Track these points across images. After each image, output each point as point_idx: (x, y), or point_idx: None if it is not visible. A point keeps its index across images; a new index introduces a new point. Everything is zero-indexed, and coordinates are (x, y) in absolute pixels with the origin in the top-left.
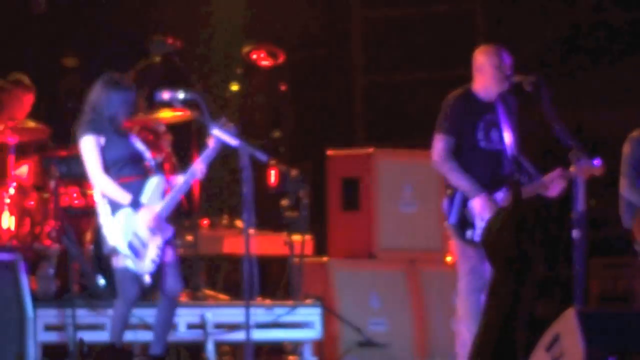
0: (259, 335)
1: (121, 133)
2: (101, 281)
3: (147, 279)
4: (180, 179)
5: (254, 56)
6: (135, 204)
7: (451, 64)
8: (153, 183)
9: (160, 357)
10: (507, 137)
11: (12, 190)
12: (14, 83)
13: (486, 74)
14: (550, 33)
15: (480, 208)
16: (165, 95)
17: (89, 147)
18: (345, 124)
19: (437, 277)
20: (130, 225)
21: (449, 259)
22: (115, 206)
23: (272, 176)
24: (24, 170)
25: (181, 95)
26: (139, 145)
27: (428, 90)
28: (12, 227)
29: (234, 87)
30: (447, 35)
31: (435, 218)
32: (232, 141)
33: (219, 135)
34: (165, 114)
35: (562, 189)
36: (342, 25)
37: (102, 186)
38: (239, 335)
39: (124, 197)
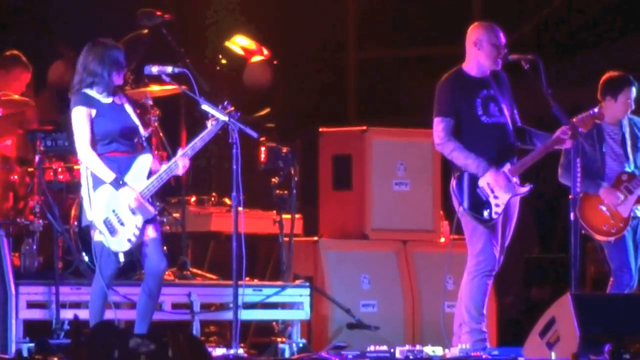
0: (246, 315)
1: (115, 104)
2: (85, 258)
3: (121, 257)
4: (163, 167)
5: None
6: (118, 183)
7: (445, 41)
8: (140, 161)
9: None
10: (506, 109)
11: None
12: (13, 61)
13: (482, 51)
14: (547, 10)
15: (493, 182)
16: (154, 68)
17: (79, 119)
18: (337, 101)
19: (429, 258)
20: (110, 201)
21: (442, 240)
22: (97, 180)
23: (262, 153)
24: (7, 143)
25: (170, 69)
26: (134, 119)
27: (421, 68)
28: None
29: (224, 61)
30: (442, 11)
31: (429, 198)
32: (222, 117)
33: (208, 110)
34: (153, 88)
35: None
36: (336, 1)
37: (87, 160)
38: (226, 316)
39: (108, 174)
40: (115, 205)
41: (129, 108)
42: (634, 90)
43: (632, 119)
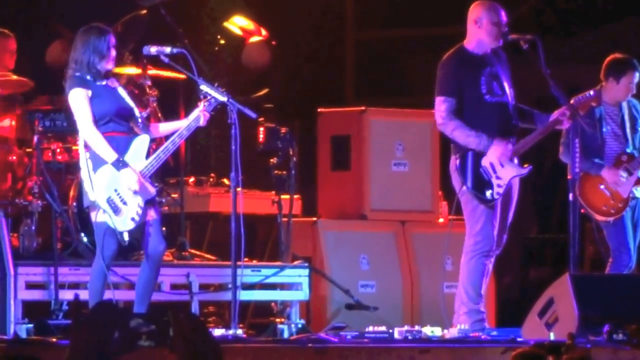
0: (245, 296)
1: (109, 86)
2: (84, 238)
3: (125, 237)
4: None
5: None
6: (119, 163)
7: (445, 21)
8: (138, 141)
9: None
10: (508, 87)
11: None
12: None
13: (483, 29)
14: None
15: (499, 154)
16: (152, 49)
17: (78, 100)
18: (336, 81)
19: (427, 238)
20: (112, 182)
21: (440, 220)
22: (97, 162)
23: (261, 134)
24: (6, 124)
25: (168, 49)
26: (128, 101)
27: (420, 48)
28: None
29: (223, 41)
30: None
31: (427, 178)
32: (221, 97)
33: (207, 90)
34: (152, 69)
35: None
36: None
37: (92, 140)
38: (225, 296)
39: (110, 154)
40: (116, 185)
41: (122, 91)
42: (637, 75)
43: (631, 101)
